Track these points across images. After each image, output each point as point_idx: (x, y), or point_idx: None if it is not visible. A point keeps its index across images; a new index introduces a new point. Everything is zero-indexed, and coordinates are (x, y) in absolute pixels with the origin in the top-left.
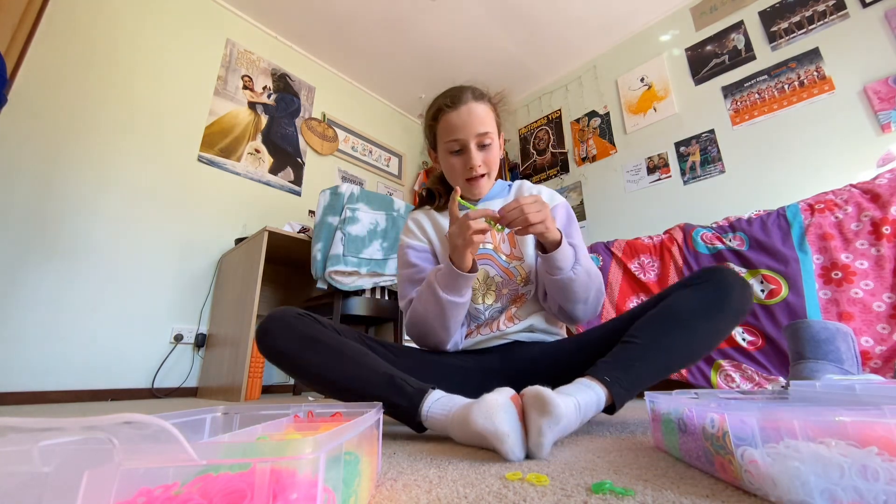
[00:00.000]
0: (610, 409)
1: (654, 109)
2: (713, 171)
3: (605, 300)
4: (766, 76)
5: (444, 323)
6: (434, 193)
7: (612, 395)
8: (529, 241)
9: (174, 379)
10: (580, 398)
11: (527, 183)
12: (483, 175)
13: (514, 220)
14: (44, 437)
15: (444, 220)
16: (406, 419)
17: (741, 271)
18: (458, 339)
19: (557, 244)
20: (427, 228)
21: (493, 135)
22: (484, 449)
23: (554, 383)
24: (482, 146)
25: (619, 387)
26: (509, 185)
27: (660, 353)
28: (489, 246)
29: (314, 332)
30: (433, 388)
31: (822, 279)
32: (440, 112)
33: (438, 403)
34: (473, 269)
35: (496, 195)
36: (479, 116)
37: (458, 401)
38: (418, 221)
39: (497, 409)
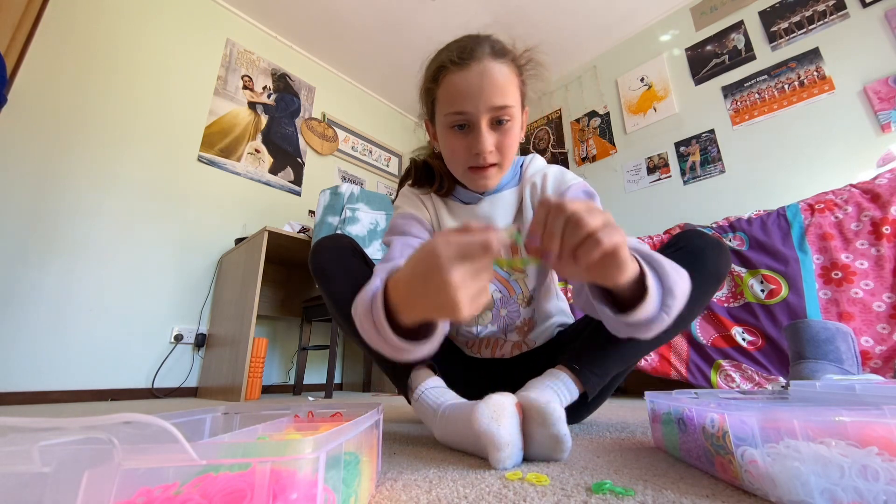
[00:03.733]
0: (583, 396)
1: (654, 109)
2: (713, 171)
3: None
4: (766, 76)
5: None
6: (434, 171)
7: (583, 383)
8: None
9: (174, 379)
10: (559, 395)
11: (539, 159)
12: (493, 165)
13: (556, 241)
14: (44, 437)
15: (460, 211)
16: (399, 385)
17: (741, 271)
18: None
19: (637, 291)
20: (438, 214)
21: (514, 110)
22: (471, 455)
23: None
24: (497, 123)
25: (590, 374)
26: (520, 165)
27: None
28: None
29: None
30: (434, 372)
31: (822, 279)
32: (443, 70)
33: (432, 392)
34: (427, 331)
35: (505, 185)
36: (498, 82)
37: (450, 397)
38: (424, 201)
39: (504, 413)
